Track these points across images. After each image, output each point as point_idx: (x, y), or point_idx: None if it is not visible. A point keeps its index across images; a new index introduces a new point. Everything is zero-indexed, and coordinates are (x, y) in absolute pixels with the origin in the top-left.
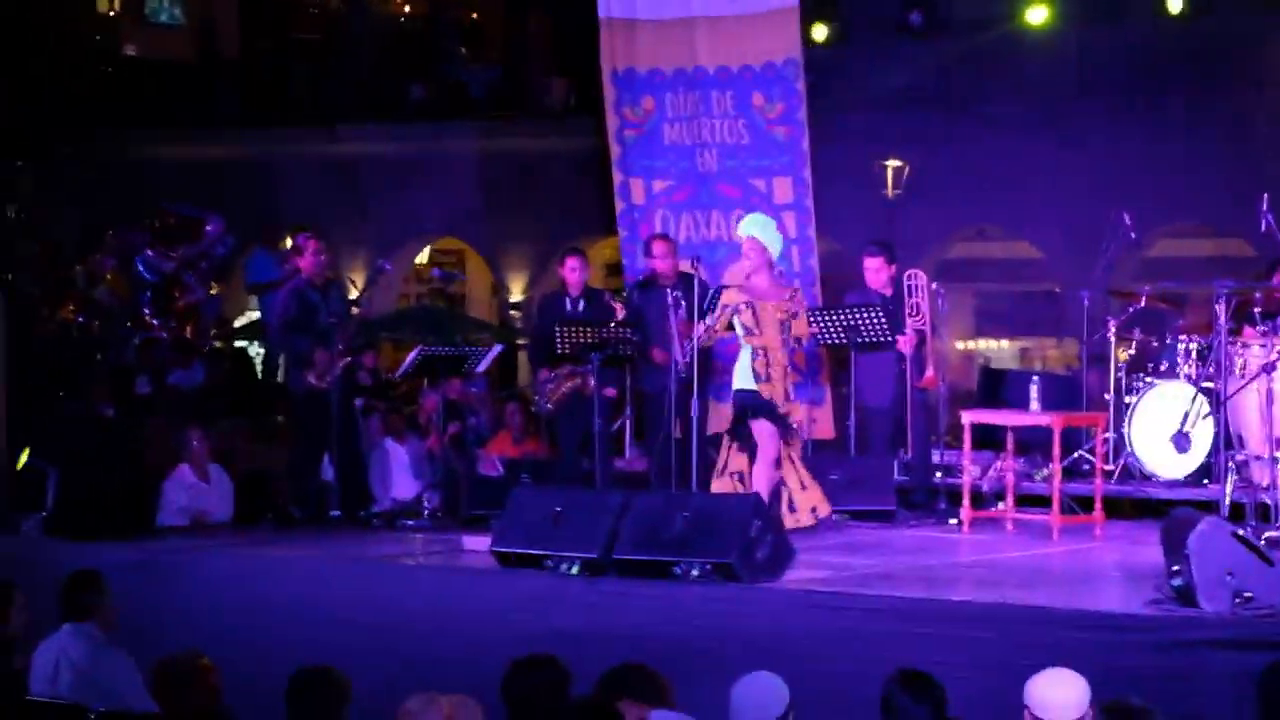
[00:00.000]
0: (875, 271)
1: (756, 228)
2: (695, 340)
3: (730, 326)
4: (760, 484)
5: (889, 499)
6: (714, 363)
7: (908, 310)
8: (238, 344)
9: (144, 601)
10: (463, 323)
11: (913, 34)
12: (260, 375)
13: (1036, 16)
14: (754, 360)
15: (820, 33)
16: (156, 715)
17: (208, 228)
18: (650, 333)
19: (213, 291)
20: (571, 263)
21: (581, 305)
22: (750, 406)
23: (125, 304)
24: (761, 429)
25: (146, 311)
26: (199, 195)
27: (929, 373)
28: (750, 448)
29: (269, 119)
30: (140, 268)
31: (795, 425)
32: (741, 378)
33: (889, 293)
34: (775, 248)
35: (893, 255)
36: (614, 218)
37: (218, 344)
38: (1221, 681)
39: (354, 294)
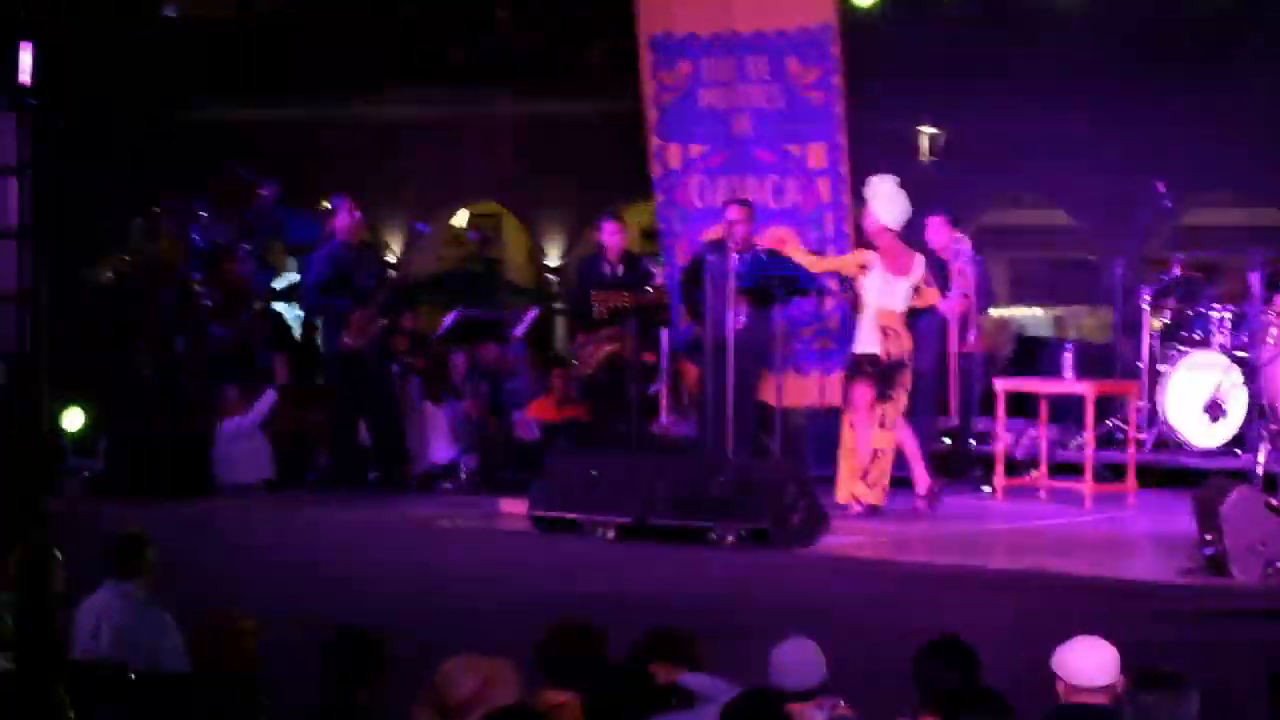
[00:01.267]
0: (936, 230)
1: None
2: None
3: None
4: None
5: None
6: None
7: (954, 274)
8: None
9: (186, 561)
10: (500, 286)
11: (949, 1)
12: (300, 337)
13: None
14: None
15: None
16: (193, 676)
17: (262, 191)
18: (705, 302)
19: (265, 267)
20: (609, 227)
21: (621, 270)
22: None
23: (174, 268)
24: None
25: (196, 277)
26: (238, 157)
27: (971, 336)
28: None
29: (307, 83)
30: (195, 236)
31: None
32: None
33: (948, 256)
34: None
35: (957, 218)
36: (650, 182)
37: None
38: (1253, 651)
39: (390, 257)
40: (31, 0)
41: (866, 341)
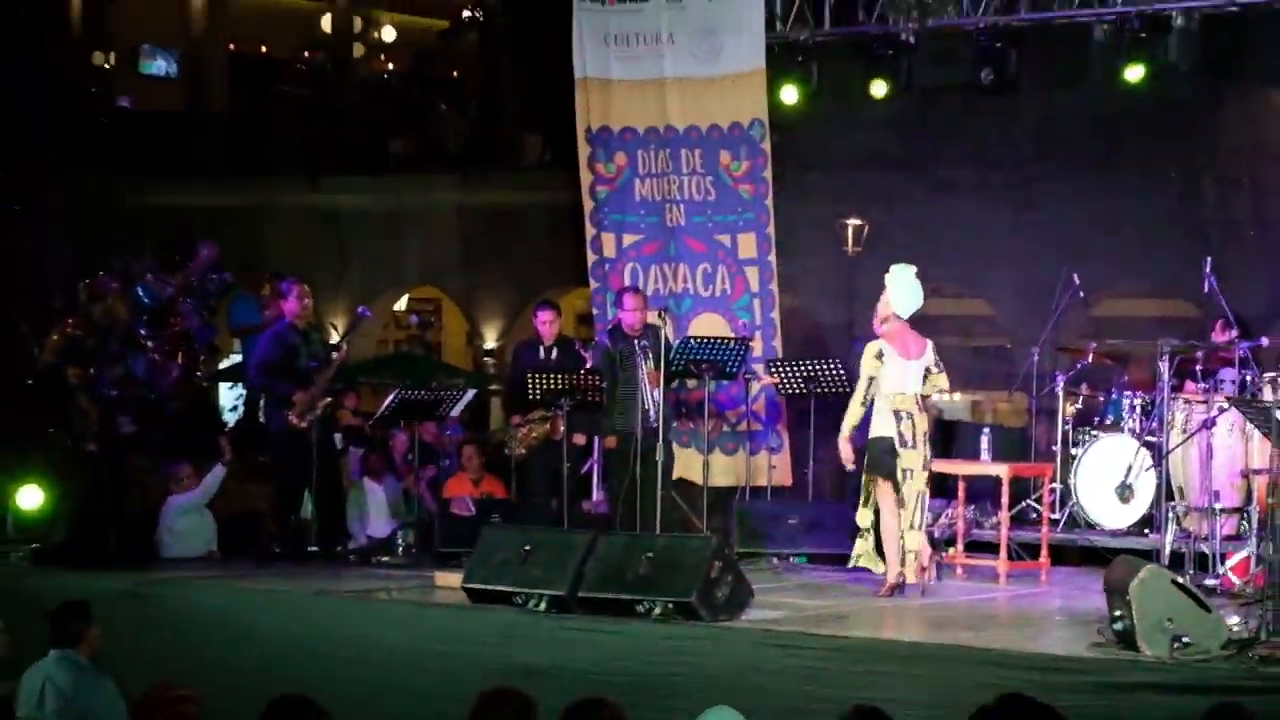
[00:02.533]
0: None
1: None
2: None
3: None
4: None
5: (845, 542)
6: (680, 409)
7: None
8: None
9: (130, 631)
10: (439, 368)
11: (875, 98)
12: (243, 416)
13: (992, 83)
14: (900, 421)
15: (789, 94)
16: None
17: (202, 251)
18: (617, 382)
19: (207, 322)
20: (544, 315)
21: (554, 354)
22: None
23: (120, 325)
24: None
25: (142, 333)
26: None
27: None
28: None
29: (254, 169)
30: (140, 292)
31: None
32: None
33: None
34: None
35: None
36: (586, 269)
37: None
38: None
39: (334, 338)
40: None
41: (881, 426)
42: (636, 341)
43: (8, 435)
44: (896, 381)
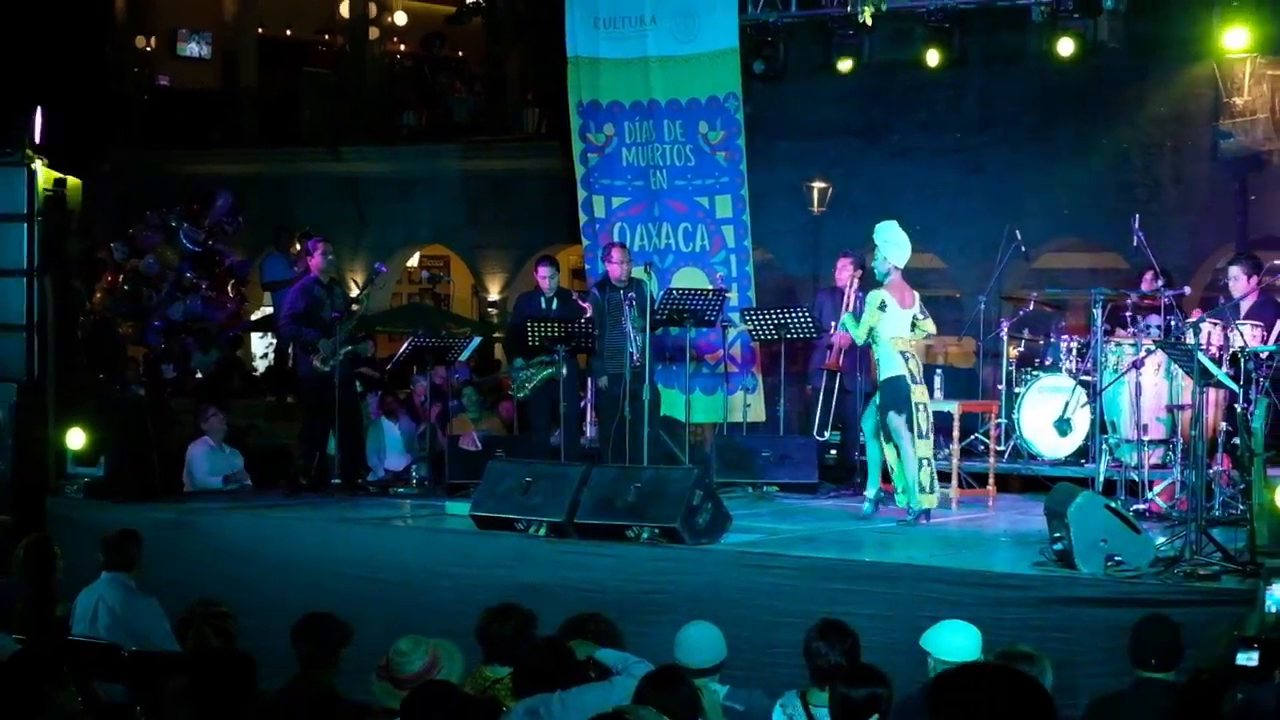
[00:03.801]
0: (843, 268)
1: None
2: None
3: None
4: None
5: (812, 473)
6: (664, 354)
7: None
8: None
9: (173, 556)
10: (448, 318)
11: (837, 73)
12: (273, 362)
13: (942, 60)
14: (907, 360)
15: (757, 69)
16: (179, 655)
17: (219, 200)
18: (605, 328)
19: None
20: (543, 270)
21: (554, 304)
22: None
23: (172, 270)
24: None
25: (189, 275)
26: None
27: (830, 358)
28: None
29: (281, 141)
30: (183, 238)
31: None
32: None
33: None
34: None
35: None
36: (578, 228)
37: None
38: (1095, 634)
39: (355, 292)
40: (44, 70)
41: (894, 367)
42: (623, 292)
43: (62, 383)
44: (898, 327)
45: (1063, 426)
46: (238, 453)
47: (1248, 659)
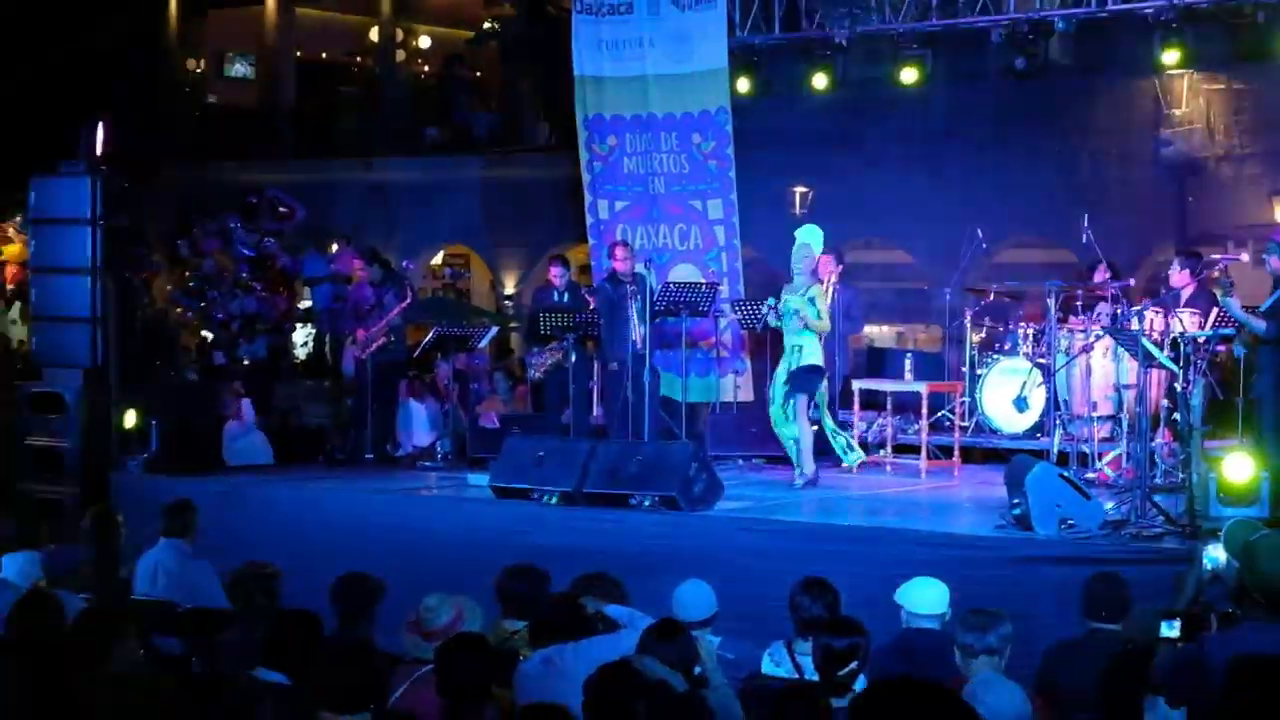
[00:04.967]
0: (824, 264)
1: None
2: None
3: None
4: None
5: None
6: (662, 341)
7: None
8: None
9: (222, 523)
10: (468, 310)
11: (816, 90)
12: (312, 351)
13: (911, 77)
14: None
15: (744, 86)
16: (230, 612)
17: (298, 215)
18: (612, 319)
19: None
20: (556, 269)
21: (565, 298)
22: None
23: (229, 272)
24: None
25: (245, 275)
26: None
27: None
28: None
29: (318, 153)
30: (239, 245)
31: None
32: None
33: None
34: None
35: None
36: (585, 229)
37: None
38: (1050, 589)
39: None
40: (105, 88)
41: (816, 356)
42: (627, 286)
43: (123, 369)
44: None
45: (1020, 404)
46: (263, 434)
47: (1171, 630)
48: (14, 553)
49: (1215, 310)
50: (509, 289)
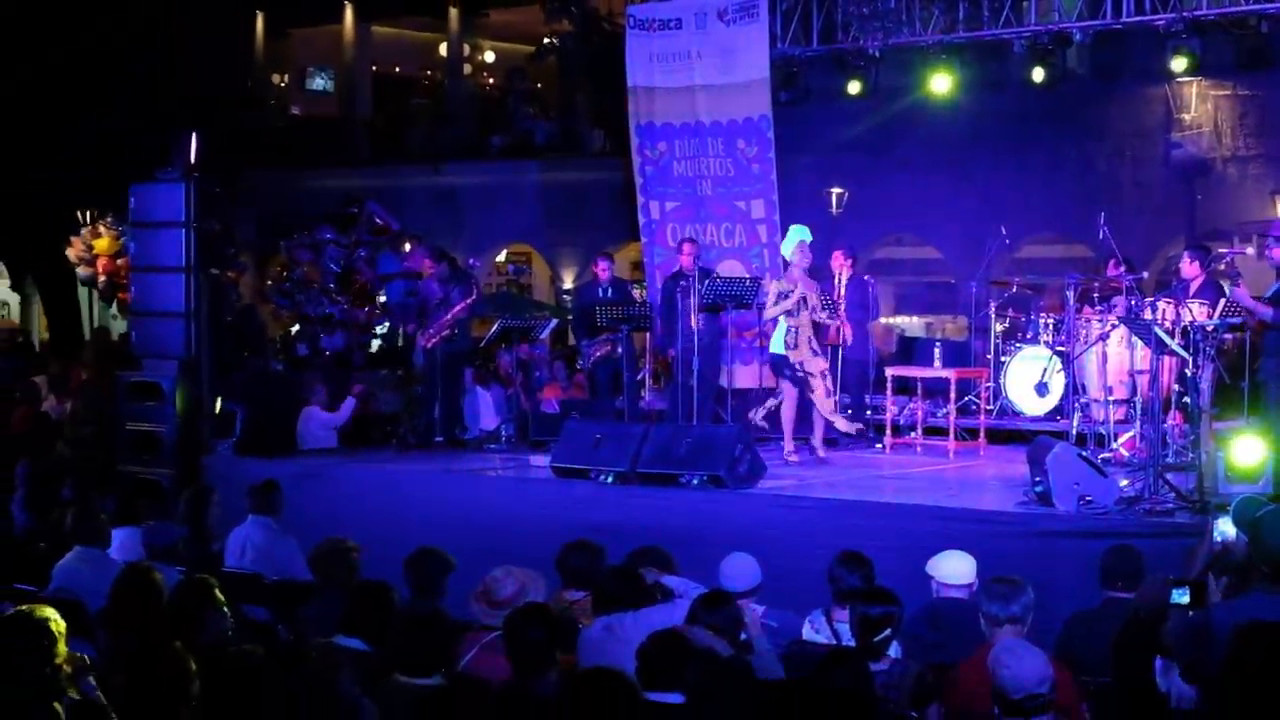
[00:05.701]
0: (836, 260)
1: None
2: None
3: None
4: (786, 421)
5: (834, 429)
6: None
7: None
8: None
9: (305, 502)
10: (530, 304)
11: (851, 98)
12: (384, 343)
13: (939, 85)
14: (786, 334)
15: (784, 95)
16: (313, 584)
17: (393, 229)
18: (676, 313)
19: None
20: (602, 264)
21: (610, 291)
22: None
23: (315, 284)
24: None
25: (332, 286)
26: (340, 214)
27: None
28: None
29: (391, 159)
30: (329, 260)
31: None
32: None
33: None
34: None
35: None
36: (637, 229)
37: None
38: (1070, 560)
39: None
40: (198, 103)
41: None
42: (691, 280)
43: (214, 360)
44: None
45: (1041, 389)
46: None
47: (1181, 596)
48: (117, 528)
49: (1223, 301)
50: (567, 284)
